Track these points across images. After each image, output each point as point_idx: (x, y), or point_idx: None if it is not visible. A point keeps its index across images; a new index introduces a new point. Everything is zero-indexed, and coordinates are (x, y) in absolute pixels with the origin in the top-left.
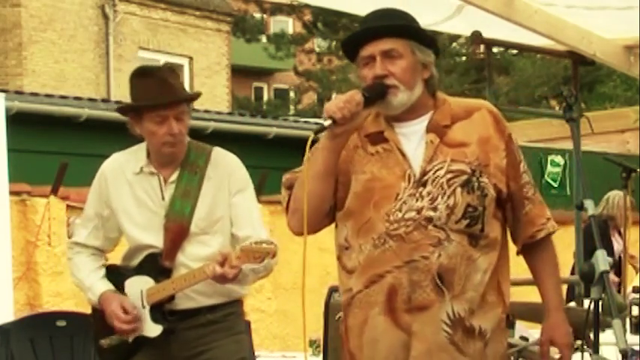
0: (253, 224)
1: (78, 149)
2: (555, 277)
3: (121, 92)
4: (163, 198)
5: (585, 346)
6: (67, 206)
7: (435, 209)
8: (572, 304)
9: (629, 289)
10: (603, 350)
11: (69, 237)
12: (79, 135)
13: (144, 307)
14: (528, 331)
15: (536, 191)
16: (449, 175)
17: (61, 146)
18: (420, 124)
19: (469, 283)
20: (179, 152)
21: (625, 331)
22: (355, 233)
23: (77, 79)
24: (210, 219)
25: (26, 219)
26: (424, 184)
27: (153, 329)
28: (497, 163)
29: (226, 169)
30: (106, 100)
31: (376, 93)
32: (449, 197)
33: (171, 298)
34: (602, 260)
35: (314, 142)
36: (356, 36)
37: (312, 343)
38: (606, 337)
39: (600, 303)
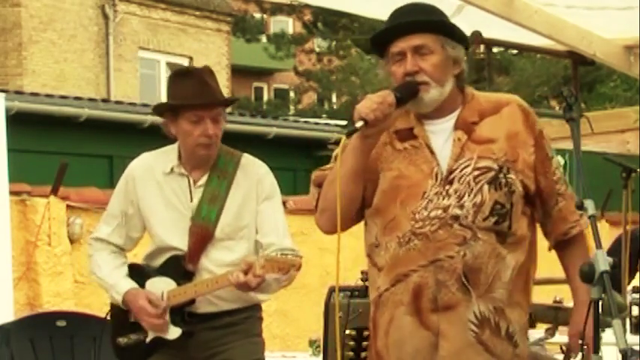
0: (278, 232)
1: (78, 149)
2: None
3: (121, 92)
4: (191, 200)
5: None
6: (67, 206)
7: (461, 207)
8: (573, 304)
9: (629, 288)
10: (603, 350)
11: (69, 237)
12: (79, 135)
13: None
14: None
15: (567, 187)
16: (476, 173)
17: (61, 146)
18: (449, 121)
19: (498, 281)
20: (212, 154)
21: (625, 331)
22: (382, 231)
23: (77, 79)
24: (236, 225)
25: (26, 219)
26: (451, 182)
27: (172, 332)
28: (526, 158)
29: (255, 176)
30: (106, 100)
31: (408, 92)
32: (475, 195)
33: (192, 301)
34: (602, 260)
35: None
36: (386, 32)
37: (312, 343)
38: (606, 337)
39: (600, 303)
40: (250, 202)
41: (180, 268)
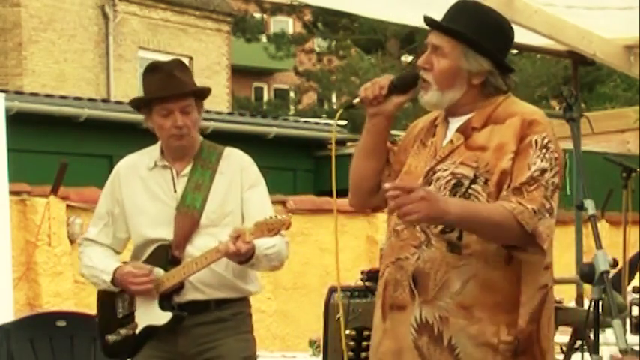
0: (267, 215)
1: (78, 149)
2: (479, 207)
3: (121, 92)
4: (175, 190)
5: (585, 346)
6: (67, 206)
7: None
8: (573, 304)
9: (629, 288)
10: (603, 350)
11: (69, 237)
12: (79, 135)
13: (153, 296)
14: None
15: (536, 190)
16: (448, 178)
17: (61, 146)
18: (459, 122)
19: (446, 290)
20: (188, 146)
21: (625, 331)
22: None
23: (77, 79)
24: (221, 212)
25: (26, 219)
26: (429, 183)
27: (161, 317)
28: (504, 168)
29: (238, 165)
30: (106, 100)
31: (404, 83)
32: None
33: (180, 288)
34: (602, 260)
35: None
36: (425, 21)
37: (312, 343)
38: (606, 337)
39: (600, 303)
40: (235, 190)
41: (166, 255)
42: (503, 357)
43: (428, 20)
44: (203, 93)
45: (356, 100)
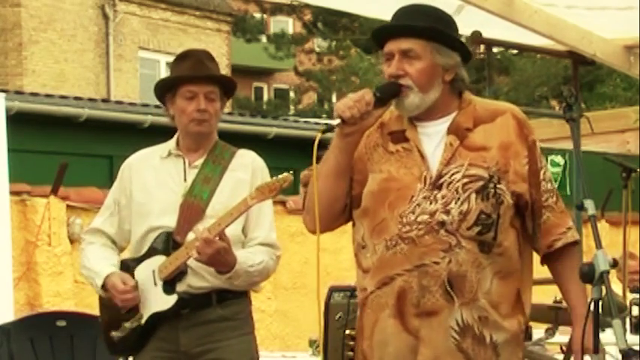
0: (264, 226)
1: (78, 149)
2: (580, 285)
3: (121, 92)
4: (185, 179)
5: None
6: (67, 206)
7: (447, 213)
8: None
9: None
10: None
11: (69, 237)
12: (79, 135)
13: (156, 284)
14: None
15: (558, 200)
16: (465, 180)
17: (61, 146)
18: (443, 124)
19: (480, 290)
20: (206, 133)
21: (625, 331)
22: (370, 233)
23: (77, 79)
24: (228, 204)
25: (26, 219)
26: (439, 187)
27: (167, 301)
28: (518, 169)
29: (250, 165)
30: (106, 100)
31: (388, 93)
32: (463, 202)
33: (182, 274)
34: (602, 260)
35: (321, 141)
36: (379, 32)
37: (312, 343)
38: (606, 337)
39: (600, 303)
40: (243, 187)
41: (169, 241)
42: (521, 347)
43: (395, 28)
44: (230, 85)
45: (337, 122)
